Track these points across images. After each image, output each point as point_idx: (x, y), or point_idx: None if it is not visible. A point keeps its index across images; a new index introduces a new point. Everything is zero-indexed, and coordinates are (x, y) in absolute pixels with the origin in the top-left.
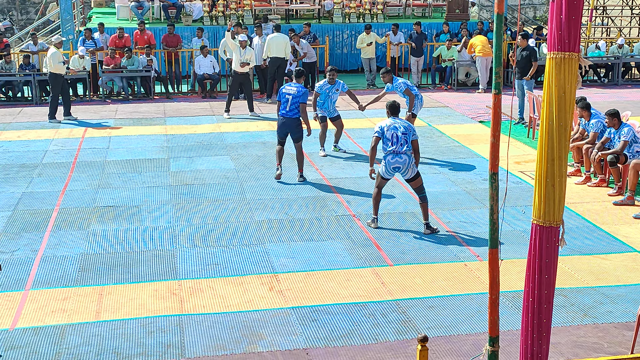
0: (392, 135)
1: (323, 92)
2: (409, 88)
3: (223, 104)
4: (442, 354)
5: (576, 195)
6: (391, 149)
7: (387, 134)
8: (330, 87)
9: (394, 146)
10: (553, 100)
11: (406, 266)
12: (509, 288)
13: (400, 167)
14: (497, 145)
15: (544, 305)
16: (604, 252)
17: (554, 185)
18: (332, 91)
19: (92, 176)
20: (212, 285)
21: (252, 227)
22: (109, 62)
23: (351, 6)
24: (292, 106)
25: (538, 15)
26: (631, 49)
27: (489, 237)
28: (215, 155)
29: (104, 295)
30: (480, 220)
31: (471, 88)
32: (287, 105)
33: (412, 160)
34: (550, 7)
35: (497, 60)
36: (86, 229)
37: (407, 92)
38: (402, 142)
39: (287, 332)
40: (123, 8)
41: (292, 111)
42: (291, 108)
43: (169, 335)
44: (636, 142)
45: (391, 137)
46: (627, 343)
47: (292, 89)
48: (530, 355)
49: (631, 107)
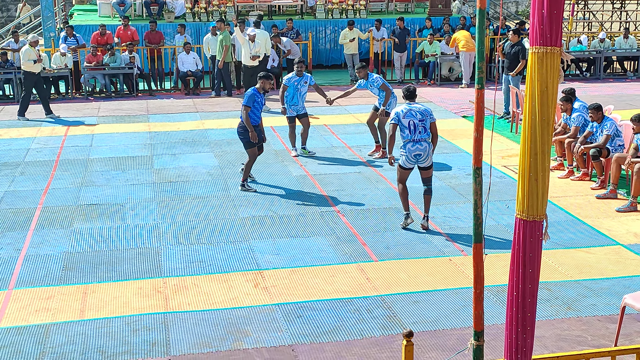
0: (410, 122)
1: (291, 84)
2: (385, 83)
3: (206, 100)
4: (427, 349)
5: (559, 189)
6: (410, 137)
7: (403, 121)
8: (298, 80)
9: (412, 134)
10: (535, 95)
11: (391, 261)
12: (493, 282)
13: (421, 154)
14: (481, 140)
15: (528, 299)
16: (588, 245)
17: (537, 180)
18: (301, 84)
19: (75, 174)
20: (197, 282)
21: (237, 224)
22: (90, 60)
23: (334, 2)
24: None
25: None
26: (612, 43)
27: (473, 231)
28: (199, 152)
29: (88, 293)
30: (464, 215)
31: (454, 83)
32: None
33: (431, 147)
34: (532, 2)
35: (480, 55)
36: (69, 228)
37: (383, 87)
38: (420, 129)
39: (272, 329)
40: (105, 5)
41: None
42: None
43: (154, 333)
44: (618, 136)
45: (408, 124)
46: (611, 336)
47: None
48: (515, 349)
49: (613, 101)
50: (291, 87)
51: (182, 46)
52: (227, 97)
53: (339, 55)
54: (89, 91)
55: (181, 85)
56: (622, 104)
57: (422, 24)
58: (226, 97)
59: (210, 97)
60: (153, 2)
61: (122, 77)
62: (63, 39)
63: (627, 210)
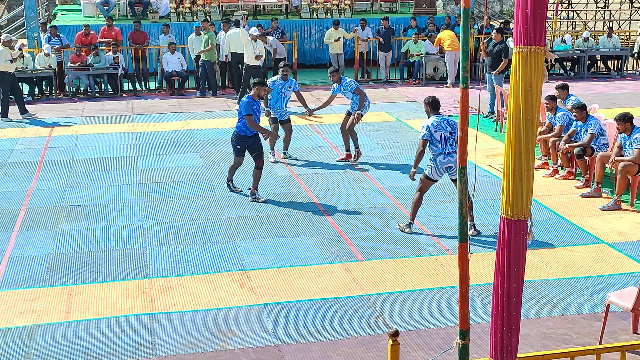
0: (441, 136)
1: (275, 87)
2: (358, 87)
3: (192, 100)
4: (413, 348)
5: (544, 188)
6: (442, 150)
7: (435, 135)
8: (283, 84)
9: (444, 147)
10: (520, 94)
11: (377, 261)
12: (479, 281)
13: (452, 166)
14: (465, 140)
15: (513, 298)
16: (572, 244)
17: (521, 179)
18: (285, 88)
19: (60, 175)
20: (183, 283)
21: (222, 224)
22: (74, 60)
23: (319, 1)
24: (239, 122)
25: (504, 10)
26: (596, 42)
27: (458, 231)
28: (184, 153)
29: (73, 295)
30: (449, 214)
31: (439, 82)
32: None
33: None
34: (516, 2)
35: (465, 55)
36: (54, 229)
37: (357, 91)
38: (450, 142)
39: (258, 329)
40: (88, 5)
41: (237, 126)
42: (237, 124)
43: (139, 334)
44: (602, 135)
45: (440, 137)
46: (596, 334)
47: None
48: (500, 348)
49: (597, 100)
50: (275, 91)
51: (167, 46)
52: (212, 97)
53: (323, 55)
54: (73, 92)
55: (166, 86)
56: (606, 103)
57: (407, 23)
58: (211, 97)
59: (195, 97)
60: (137, 2)
61: (106, 77)
62: (46, 39)
63: (611, 209)
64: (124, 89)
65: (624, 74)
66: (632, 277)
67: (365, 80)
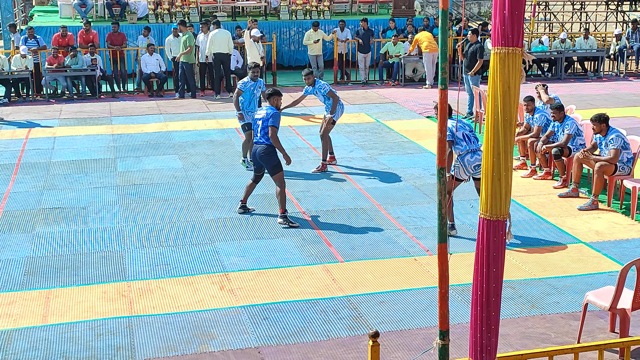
0: (463, 134)
1: (247, 89)
2: (332, 90)
3: (170, 102)
4: (393, 349)
5: (522, 188)
6: (468, 147)
7: (458, 135)
8: (254, 84)
9: (469, 144)
10: (498, 95)
11: (357, 262)
12: (458, 282)
13: (480, 164)
14: (444, 141)
15: (492, 298)
16: (550, 243)
17: (500, 179)
18: (256, 88)
19: (37, 178)
20: (162, 285)
21: (202, 226)
22: (52, 62)
23: (298, 3)
24: (262, 131)
25: (483, 11)
26: (573, 43)
27: (437, 231)
28: (163, 155)
29: (51, 298)
30: (429, 215)
31: (418, 84)
32: (257, 130)
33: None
34: (494, 3)
35: (443, 56)
36: (31, 232)
37: (330, 95)
38: (473, 139)
39: (238, 331)
40: (66, 6)
41: (263, 136)
42: (262, 133)
43: (118, 337)
44: (579, 135)
45: (463, 136)
46: (574, 333)
47: (261, 113)
48: (480, 348)
49: (574, 101)
50: (247, 92)
51: (146, 47)
52: (191, 99)
53: (303, 56)
54: (50, 93)
55: (144, 87)
56: (583, 103)
57: (386, 24)
58: (190, 99)
59: (174, 98)
60: (115, 3)
61: (84, 79)
62: (23, 40)
63: (588, 209)
64: (102, 90)
65: (601, 75)
66: (610, 276)
67: (345, 82)
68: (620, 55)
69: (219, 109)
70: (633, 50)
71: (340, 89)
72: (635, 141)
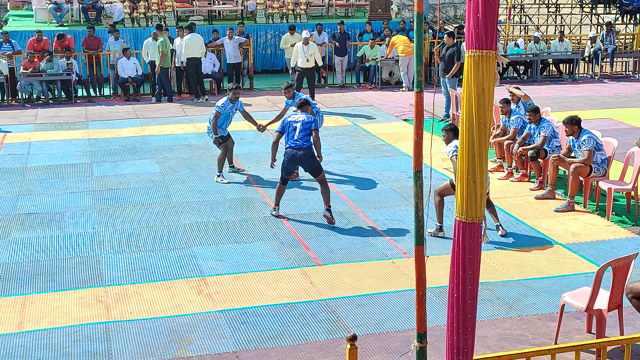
0: None
1: (225, 112)
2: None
3: (147, 106)
4: (371, 352)
5: (499, 190)
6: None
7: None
8: (231, 107)
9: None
10: (472, 98)
11: (335, 265)
12: (436, 284)
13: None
14: (421, 143)
15: (469, 300)
16: (527, 245)
17: (475, 182)
18: (233, 110)
19: (12, 183)
20: (139, 290)
21: (179, 231)
22: (27, 66)
23: (274, 7)
24: (302, 133)
25: (459, 14)
26: (548, 46)
27: (415, 234)
28: (140, 159)
29: (27, 304)
30: (406, 218)
31: (395, 87)
32: (295, 134)
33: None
34: (467, 6)
35: (419, 59)
36: (7, 237)
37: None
38: None
39: (216, 336)
40: (40, 10)
41: (303, 139)
42: (301, 135)
43: (95, 343)
44: (555, 138)
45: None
46: (551, 334)
47: (299, 116)
48: (457, 350)
49: (550, 103)
50: (224, 115)
51: (122, 52)
52: (167, 103)
53: (279, 60)
54: (25, 98)
55: (120, 92)
56: (558, 106)
57: (363, 28)
58: (167, 103)
59: (150, 103)
60: (91, 8)
61: (59, 83)
62: None
63: (565, 210)
64: (78, 95)
65: (576, 77)
66: (586, 277)
67: (322, 85)
68: (595, 57)
69: (195, 112)
70: (607, 52)
71: (317, 92)
72: (611, 143)
